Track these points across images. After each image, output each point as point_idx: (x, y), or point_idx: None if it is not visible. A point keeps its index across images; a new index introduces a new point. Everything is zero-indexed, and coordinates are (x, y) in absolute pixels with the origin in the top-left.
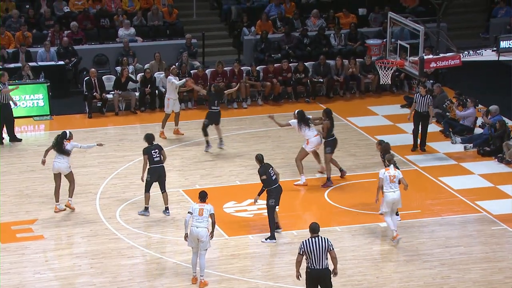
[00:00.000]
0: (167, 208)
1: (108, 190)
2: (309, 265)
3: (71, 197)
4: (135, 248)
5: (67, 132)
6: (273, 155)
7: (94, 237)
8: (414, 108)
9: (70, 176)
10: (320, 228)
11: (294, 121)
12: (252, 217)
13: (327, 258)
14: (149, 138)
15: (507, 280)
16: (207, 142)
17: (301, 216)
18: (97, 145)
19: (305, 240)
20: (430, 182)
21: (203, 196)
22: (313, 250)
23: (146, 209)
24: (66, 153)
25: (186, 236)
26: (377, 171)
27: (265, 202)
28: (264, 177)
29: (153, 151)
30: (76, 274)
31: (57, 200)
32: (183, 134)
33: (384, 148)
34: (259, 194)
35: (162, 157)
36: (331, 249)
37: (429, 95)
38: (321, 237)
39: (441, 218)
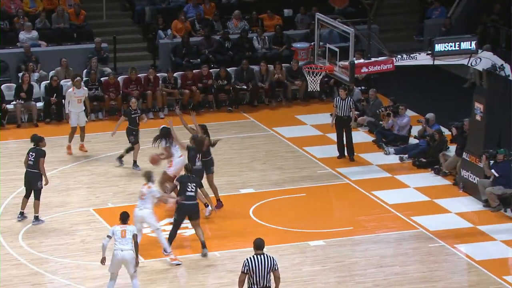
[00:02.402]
0: (36, 217)
1: (10, 210)
2: (251, 285)
3: None
4: (40, 275)
5: None
6: None
7: None
8: (335, 113)
9: None
10: (244, 249)
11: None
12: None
13: (270, 278)
14: (32, 138)
15: None
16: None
17: (224, 236)
18: None
19: (249, 258)
20: (363, 197)
21: (124, 217)
22: (257, 268)
23: (21, 214)
24: None
25: (103, 260)
26: (306, 186)
27: (187, 221)
28: (177, 183)
29: (30, 153)
30: None
31: None
32: (86, 151)
33: (198, 143)
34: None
35: (35, 163)
36: (276, 268)
37: (350, 98)
38: (266, 255)
39: (375, 236)
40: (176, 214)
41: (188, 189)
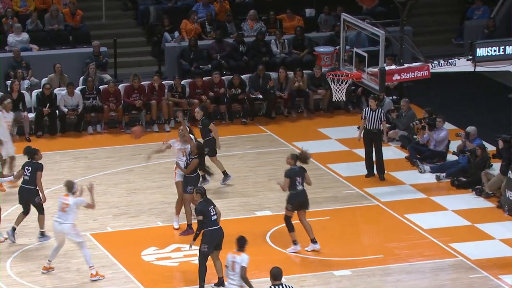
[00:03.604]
0: (42, 233)
1: None
2: None
3: None
4: None
5: None
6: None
7: None
8: (364, 126)
9: None
10: (260, 279)
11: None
12: (177, 266)
13: None
14: (26, 151)
15: None
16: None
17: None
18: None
19: None
20: (394, 220)
21: (241, 243)
22: None
23: (13, 229)
24: None
25: None
26: (330, 208)
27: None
28: (201, 217)
29: (26, 167)
30: None
31: None
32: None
33: (303, 158)
34: (194, 239)
35: (31, 178)
36: None
37: (380, 109)
38: (285, 285)
39: (409, 265)
40: (206, 244)
41: (212, 214)
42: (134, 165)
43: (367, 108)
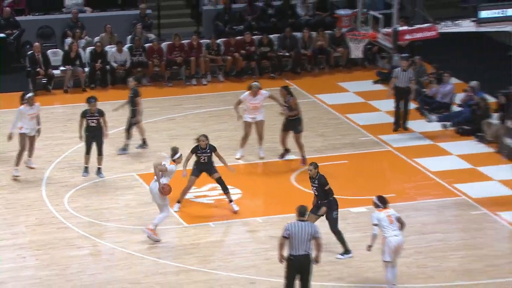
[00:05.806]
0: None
1: (55, 175)
2: (291, 251)
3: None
4: (86, 238)
5: (28, 94)
6: (235, 135)
7: (39, 226)
8: (394, 83)
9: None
10: (286, 215)
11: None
12: (213, 203)
13: (310, 245)
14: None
15: (487, 269)
16: (127, 145)
17: (266, 201)
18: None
19: (291, 223)
20: (405, 164)
21: (383, 201)
22: (298, 234)
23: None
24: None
25: (369, 248)
26: (348, 153)
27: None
28: (328, 186)
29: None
30: (20, 267)
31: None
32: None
33: None
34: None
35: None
36: (317, 236)
37: (410, 70)
38: (308, 222)
39: (417, 203)
40: (336, 211)
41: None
42: (175, 114)
43: (398, 69)
